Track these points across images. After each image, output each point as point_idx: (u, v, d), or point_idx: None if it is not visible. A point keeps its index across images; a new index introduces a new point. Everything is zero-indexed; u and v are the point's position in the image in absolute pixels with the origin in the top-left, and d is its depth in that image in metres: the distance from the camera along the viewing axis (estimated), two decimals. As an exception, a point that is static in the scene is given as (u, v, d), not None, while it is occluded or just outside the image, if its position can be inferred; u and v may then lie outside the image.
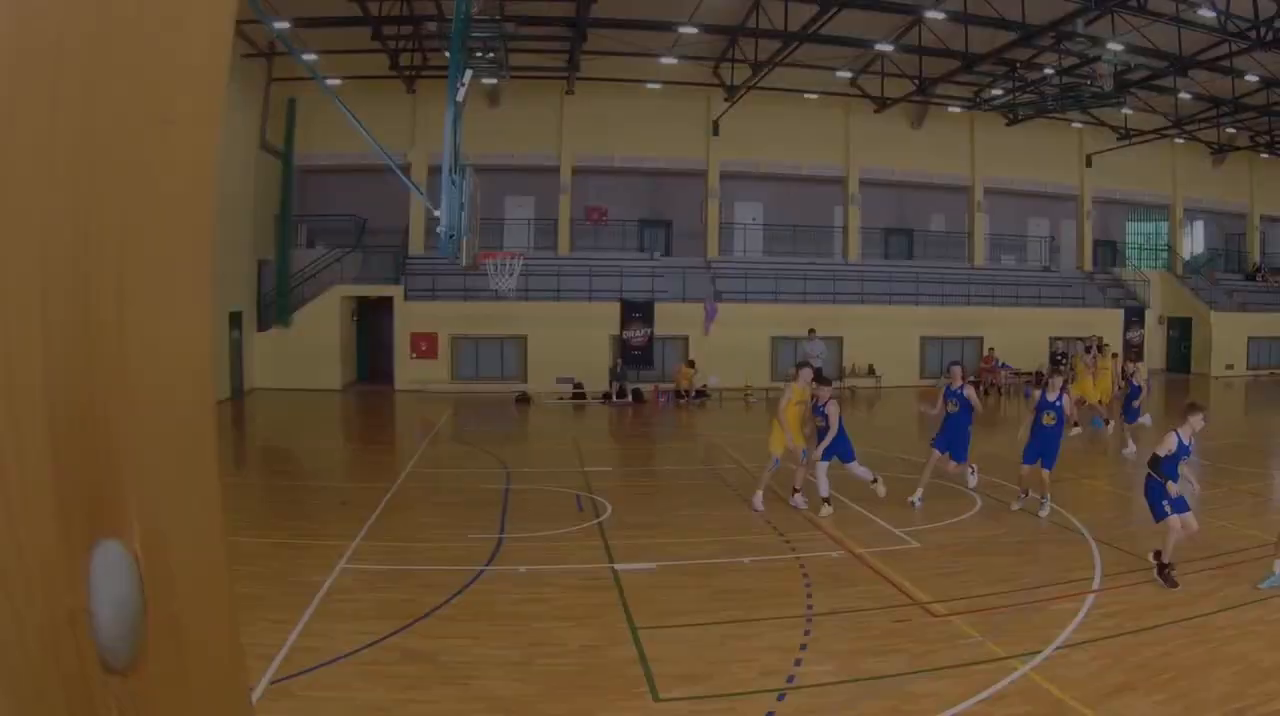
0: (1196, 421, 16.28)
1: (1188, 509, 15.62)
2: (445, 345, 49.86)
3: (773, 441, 22.34)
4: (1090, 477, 26.81)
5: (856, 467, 22.05)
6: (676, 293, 52.74)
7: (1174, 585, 15.14)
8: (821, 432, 21.61)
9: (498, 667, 12.30)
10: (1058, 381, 21.56)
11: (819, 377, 21.72)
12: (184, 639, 1.55)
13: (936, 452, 22.92)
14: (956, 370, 23.39)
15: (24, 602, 1.25)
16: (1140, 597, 15.02)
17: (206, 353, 1.70)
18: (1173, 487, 15.82)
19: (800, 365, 24.38)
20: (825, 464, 21.70)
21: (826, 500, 21.65)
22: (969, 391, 22.66)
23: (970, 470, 23.47)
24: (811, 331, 48.39)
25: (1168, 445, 16.07)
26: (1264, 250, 74.59)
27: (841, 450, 21.70)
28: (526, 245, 53.52)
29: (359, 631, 13.32)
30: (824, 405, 21.19)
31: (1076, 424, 27.81)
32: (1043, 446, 21.36)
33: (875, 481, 22.09)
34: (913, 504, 22.25)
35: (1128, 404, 31.51)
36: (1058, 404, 21.26)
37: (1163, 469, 15.91)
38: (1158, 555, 16.04)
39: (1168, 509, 15.78)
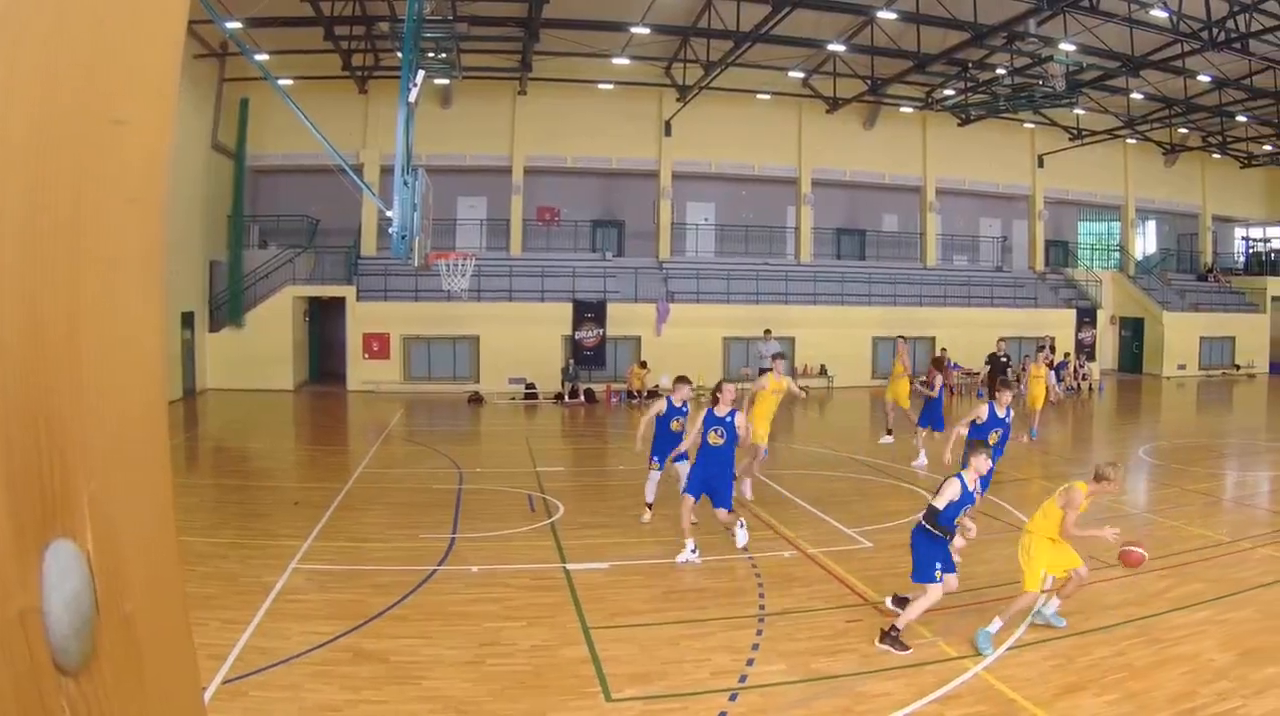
0: (981, 463, 14.30)
1: (954, 568, 14.09)
2: (397, 345, 49.78)
3: (756, 432, 22.73)
4: (1042, 478, 26.86)
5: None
6: (629, 293, 52.88)
7: (905, 649, 13.34)
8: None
9: (450, 667, 12.38)
10: (1006, 396, 20.52)
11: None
12: (137, 639, 1.55)
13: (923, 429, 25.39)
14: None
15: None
16: (1091, 598, 15.13)
17: (159, 353, 1.70)
18: (956, 543, 14.90)
19: (776, 356, 25.51)
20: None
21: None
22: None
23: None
24: (767, 332, 48.59)
25: (949, 493, 13.95)
26: (1216, 250, 75.44)
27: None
28: (479, 246, 53.57)
29: (311, 631, 13.38)
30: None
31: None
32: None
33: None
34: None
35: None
36: (1006, 420, 20.40)
37: (940, 521, 13.84)
38: (898, 601, 14.55)
39: (937, 573, 13.68)
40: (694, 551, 17.64)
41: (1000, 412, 19.25)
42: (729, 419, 18.31)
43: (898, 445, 30.89)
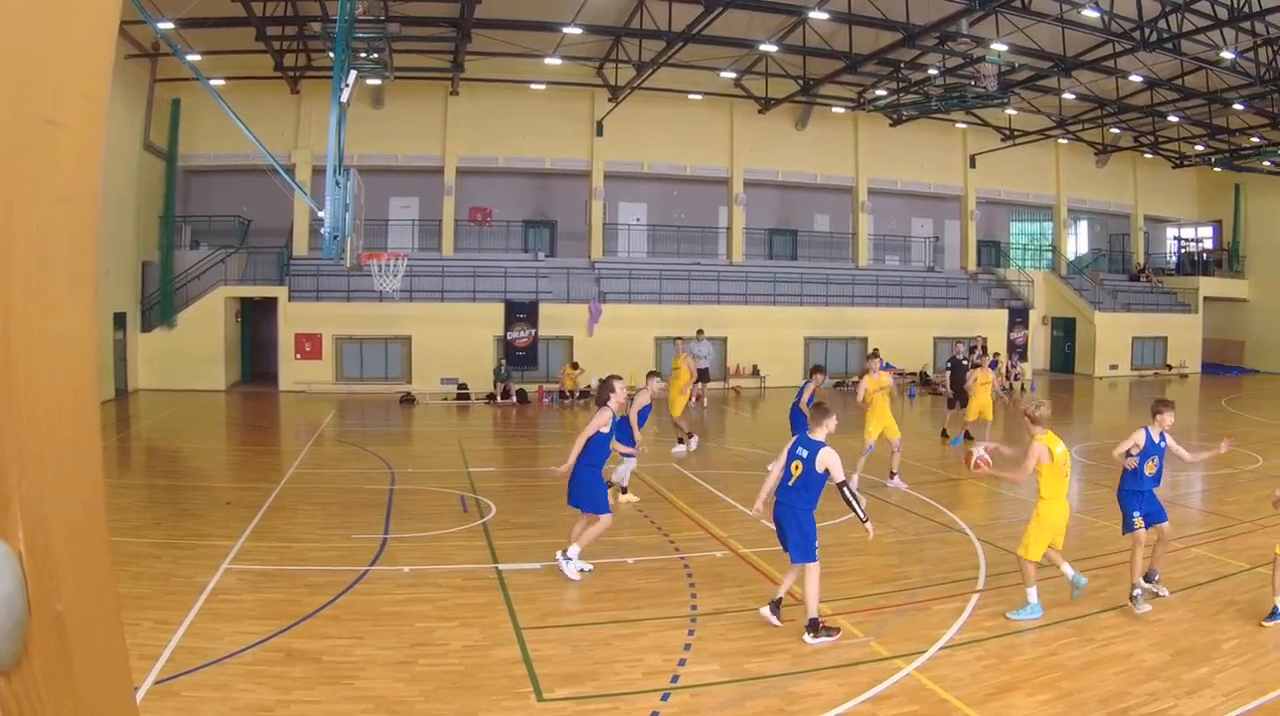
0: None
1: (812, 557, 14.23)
2: (329, 346, 49.57)
3: (868, 428, 24.75)
4: (973, 479, 27.05)
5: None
6: (561, 293, 52.96)
7: (836, 631, 13.82)
8: None
9: (381, 668, 12.34)
10: (1168, 417, 16.70)
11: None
12: (68, 639, 1.55)
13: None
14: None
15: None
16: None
17: (90, 353, 1.69)
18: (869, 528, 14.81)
19: (872, 356, 27.69)
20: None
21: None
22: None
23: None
24: (700, 332, 48.24)
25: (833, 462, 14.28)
26: (1148, 250, 76.35)
27: None
28: (410, 246, 53.63)
29: (243, 631, 13.30)
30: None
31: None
32: None
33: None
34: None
35: None
36: (1163, 445, 19.23)
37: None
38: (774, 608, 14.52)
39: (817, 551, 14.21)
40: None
41: (1156, 437, 16.16)
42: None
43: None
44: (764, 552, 18.09)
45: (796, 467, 14.17)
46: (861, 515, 14.43)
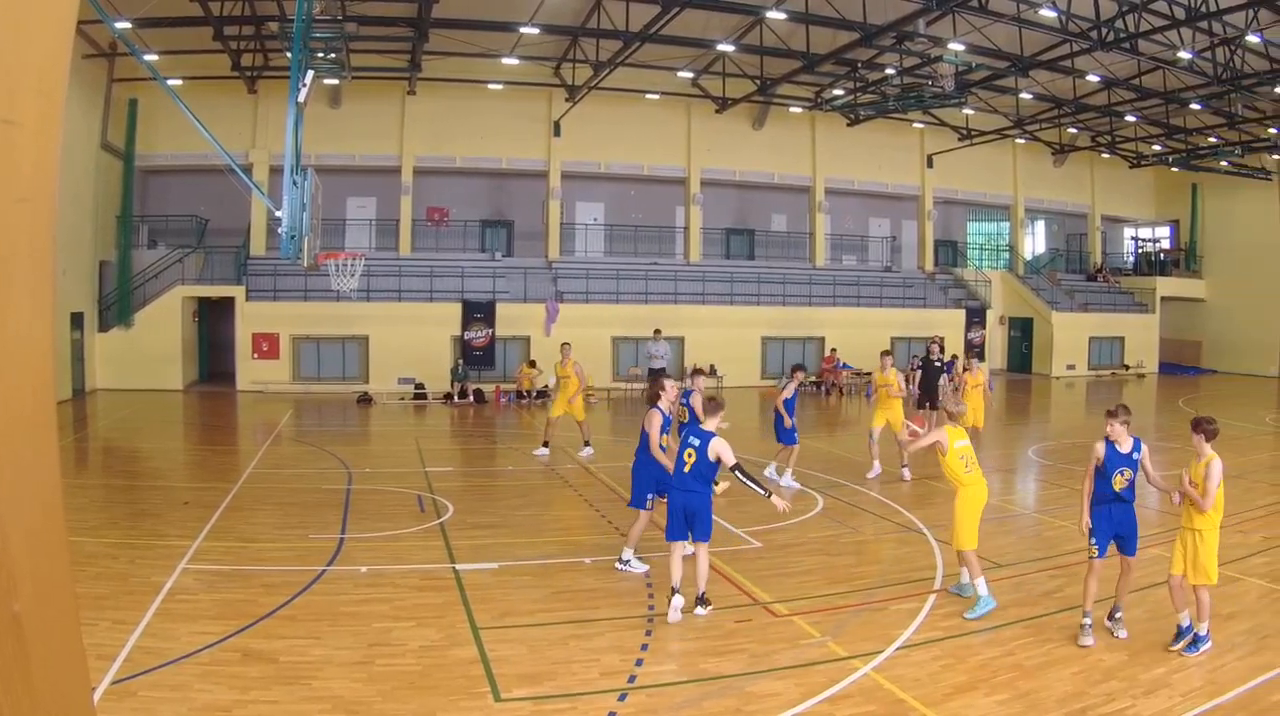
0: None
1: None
2: (287, 345, 49.40)
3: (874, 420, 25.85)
4: (932, 478, 27.05)
5: None
6: (518, 293, 53.00)
7: (706, 604, 14.97)
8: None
9: (339, 668, 12.31)
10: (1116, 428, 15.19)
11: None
12: (25, 639, 1.54)
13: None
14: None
15: None
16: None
17: (48, 353, 1.69)
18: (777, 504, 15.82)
19: (884, 354, 28.12)
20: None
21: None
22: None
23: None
24: (657, 332, 48.77)
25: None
26: (1105, 250, 76.73)
27: None
28: (368, 246, 53.45)
29: (200, 632, 13.27)
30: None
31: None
32: None
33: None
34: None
35: None
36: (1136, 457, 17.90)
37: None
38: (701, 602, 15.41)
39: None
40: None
41: (1126, 447, 14.91)
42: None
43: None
44: (721, 552, 18.07)
45: (690, 456, 15.08)
46: (762, 492, 15.20)
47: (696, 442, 15.04)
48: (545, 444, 30.26)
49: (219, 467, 28.70)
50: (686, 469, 15.07)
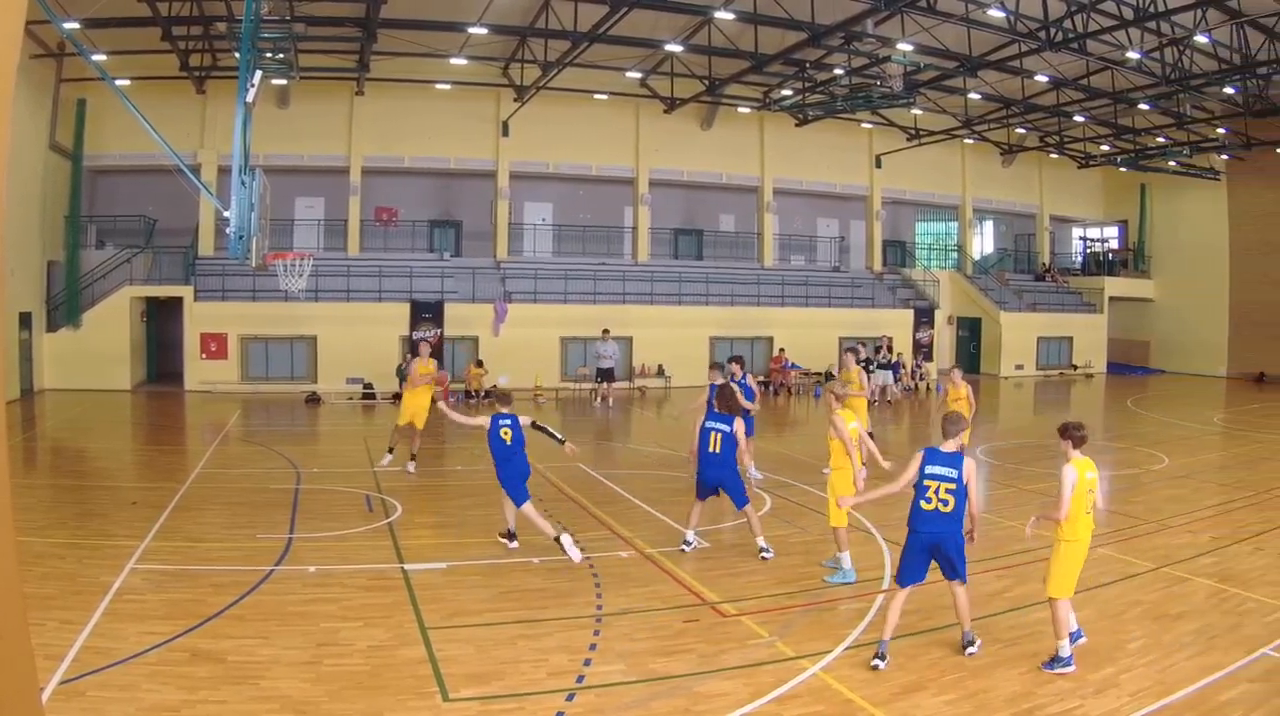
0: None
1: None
2: (235, 345, 49.11)
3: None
4: (878, 479, 27.12)
5: None
6: (466, 293, 52.83)
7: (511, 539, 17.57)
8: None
9: (287, 668, 12.31)
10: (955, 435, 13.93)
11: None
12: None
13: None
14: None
15: None
16: (929, 597, 15.16)
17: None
18: None
19: (847, 350, 28.20)
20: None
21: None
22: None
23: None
24: (605, 332, 49.29)
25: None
26: (1053, 250, 77.34)
27: None
28: (316, 246, 53.41)
29: (148, 631, 13.26)
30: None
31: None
32: None
33: None
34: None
35: None
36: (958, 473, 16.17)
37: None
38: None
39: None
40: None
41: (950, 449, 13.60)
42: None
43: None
44: (669, 552, 18.41)
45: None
46: (558, 438, 18.13)
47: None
48: (391, 449, 28.54)
49: (167, 467, 28.61)
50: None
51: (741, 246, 65.59)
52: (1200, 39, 40.56)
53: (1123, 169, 70.44)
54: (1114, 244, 78.11)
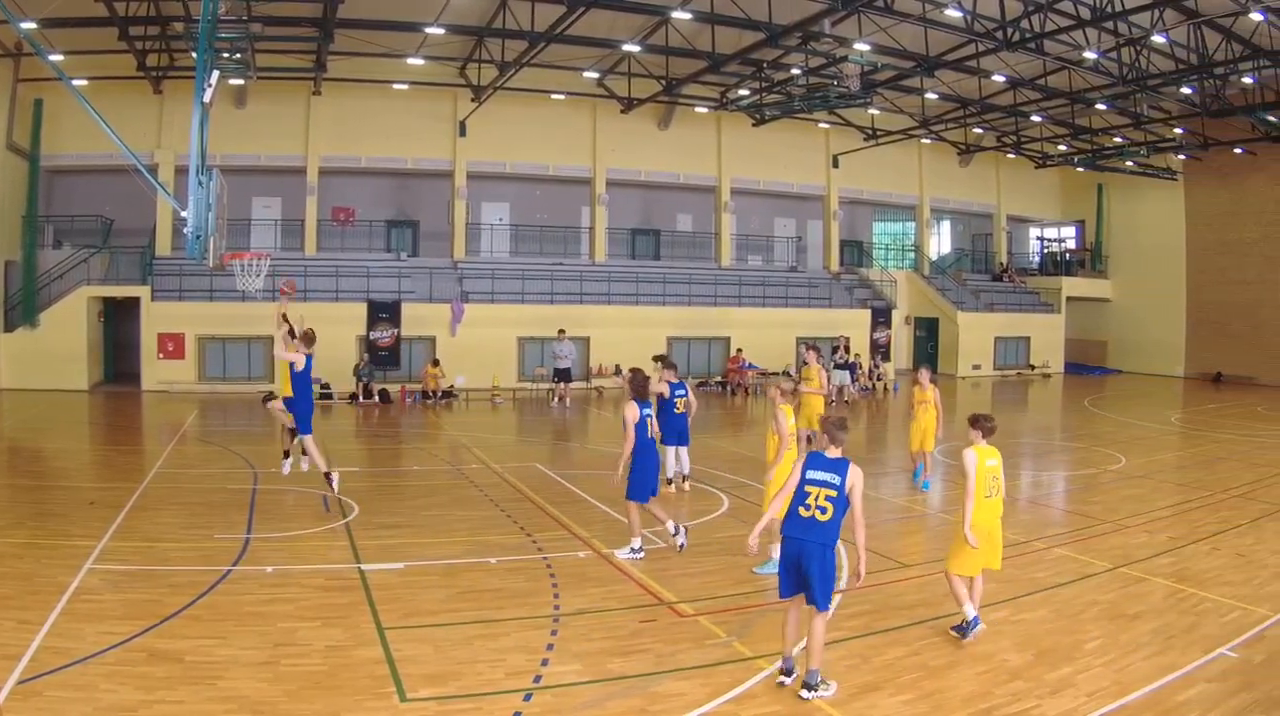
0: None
1: None
2: (192, 345, 48.99)
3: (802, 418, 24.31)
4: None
5: None
6: (423, 293, 52.75)
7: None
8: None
9: (244, 668, 12.27)
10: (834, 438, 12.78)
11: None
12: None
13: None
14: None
15: None
16: (887, 598, 15.46)
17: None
18: None
19: (810, 348, 29.05)
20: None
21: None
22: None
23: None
24: (561, 332, 49.23)
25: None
26: (1011, 250, 77.74)
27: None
28: (273, 246, 53.31)
29: (106, 631, 13.21)
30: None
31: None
32: None
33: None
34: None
35: None
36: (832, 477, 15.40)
37: None
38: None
39: None
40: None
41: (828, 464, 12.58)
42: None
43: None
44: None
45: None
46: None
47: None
48: (288, 453, 25.75)
49: (124, 467, 28.55)
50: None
51: (699, 246, 65.73)
52: (1157, 39, 40.75)
53: (1080, 169, 70.90)
54: (1071, 244, 78.58)
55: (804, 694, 11.78)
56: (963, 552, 13.84)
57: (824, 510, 12.07)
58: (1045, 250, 79.58)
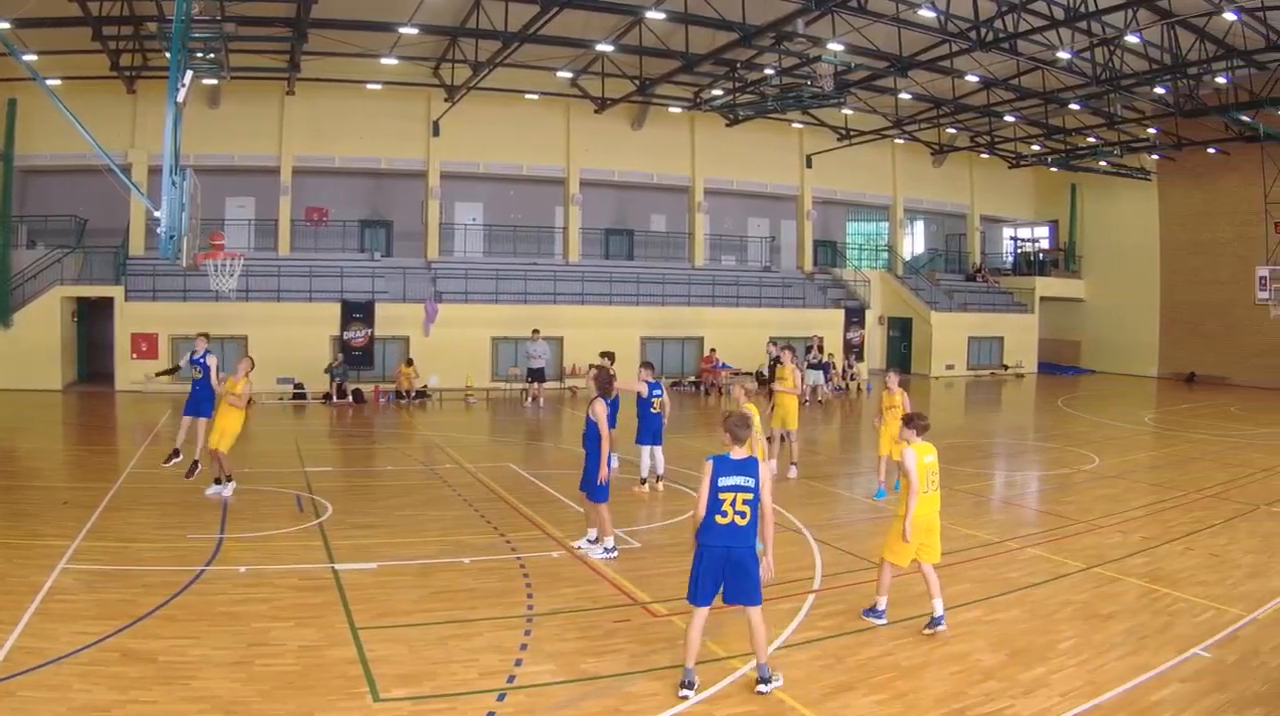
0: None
1: None
2: (166, 345, 48.61)
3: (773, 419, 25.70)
4: (813, 478, 27.41)
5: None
6: (397, 293, 52.70)
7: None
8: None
9: (217, 668, 12.26)
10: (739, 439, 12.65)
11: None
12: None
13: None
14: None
15: None
16: (861, 598, 15.38)
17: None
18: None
19: (785, 348, 29.06)
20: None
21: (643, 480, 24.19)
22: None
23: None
24: (535, 332, 49.32)
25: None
26: (984, 251, 77.96)
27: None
28: (247, 246, 53.02)
29: (80, 631, 13.19)
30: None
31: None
32: None
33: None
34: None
35: None
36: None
37: None
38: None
39: None
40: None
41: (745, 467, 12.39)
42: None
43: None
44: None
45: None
46: None
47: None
48: (226, 479, 24.06)
49: (98, 467, 28.54)
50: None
51: (672, 246, 65.95)
52: (1131, 39, 40.96)
53: (1053, 169, 71.17)
54: (1045, 244, 78.85)
55: (762, 688, 11.93)
56: (899, 543, 14.28)
57: (743, 514, 11.95)
58: (1019, 250, 79.95)
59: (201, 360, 24.42)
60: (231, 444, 23.67)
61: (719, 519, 11.83)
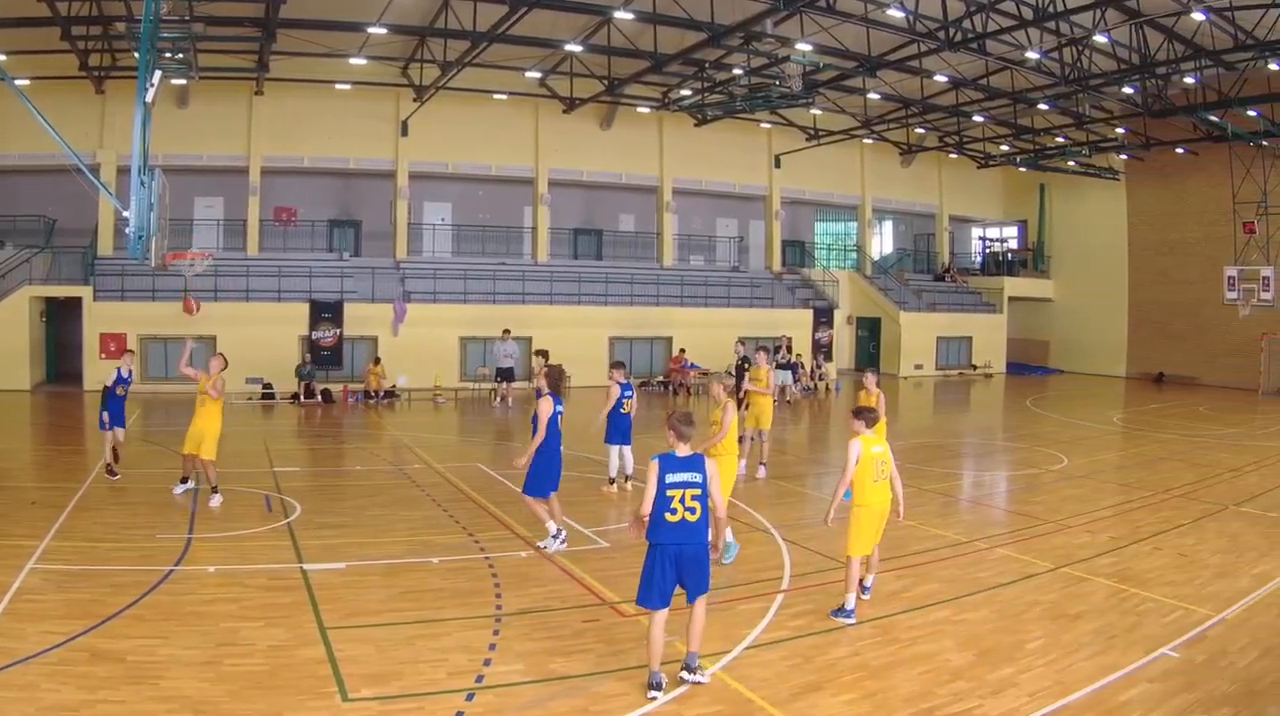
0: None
1: None
2: (134, 345, 47.35)
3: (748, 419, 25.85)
4: (783, 478, 27.45)
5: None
6: (365, 293, 52.62)
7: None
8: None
9: (186, 667, 12.23)
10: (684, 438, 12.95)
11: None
12: None
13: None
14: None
15: None
16: (829, 598, 15.36)
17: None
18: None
19: (760, 349, 28.33)
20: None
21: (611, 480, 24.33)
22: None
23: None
24: (506, 332, 49.21)
25: None
26: (953, 250, 78.26)
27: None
28: (215, 245, 53.15)
29: (48, 631, 13.16)
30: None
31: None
32: None
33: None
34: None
35: None
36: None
37: None
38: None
39: None
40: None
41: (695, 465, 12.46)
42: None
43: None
44: (568, 552, 18.52)
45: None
46: None
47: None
48: (212, 491, 23.41)
49: (66, 467, 28.47)
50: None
51: (641, 246, 66.03)
52: (1099, 39, 41.17)
53: (1022, 169, 71.47)
54: (1013, 244, 79.16)
55: (684, 675, 12.09)
56: (857, 535, 14.51)
57: (693, 510, 12.01)
58: (987, 250, 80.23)
59: (127, 378, 25.74)
60: (214, 447, 23.41)
61: (669, 516, 11.90)
